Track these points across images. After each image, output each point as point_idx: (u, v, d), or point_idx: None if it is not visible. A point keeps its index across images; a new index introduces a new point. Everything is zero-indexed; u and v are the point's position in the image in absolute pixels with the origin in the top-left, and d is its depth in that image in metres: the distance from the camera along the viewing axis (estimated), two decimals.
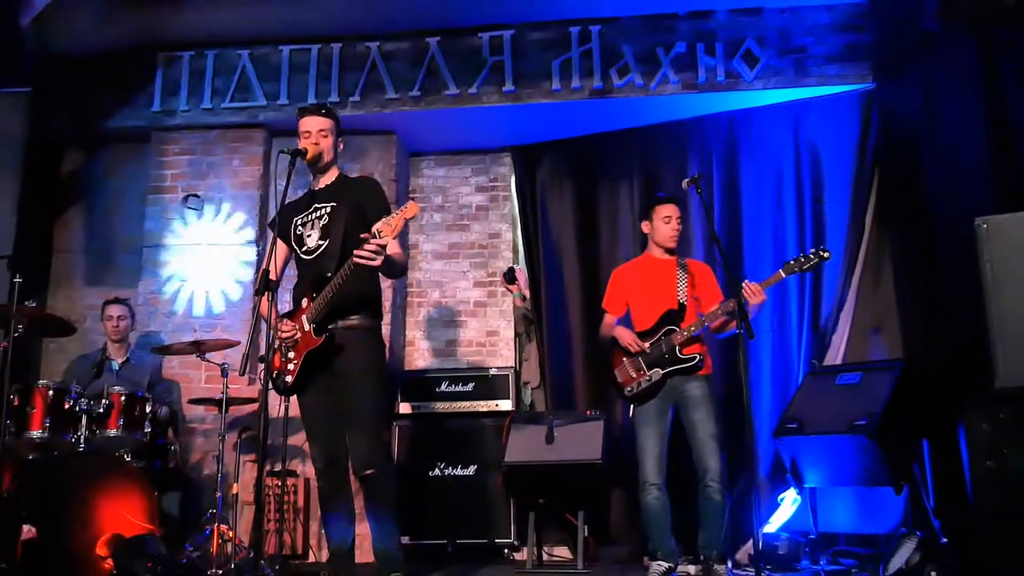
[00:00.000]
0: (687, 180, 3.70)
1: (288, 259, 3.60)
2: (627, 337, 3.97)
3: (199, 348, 4.35)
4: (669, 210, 4.06)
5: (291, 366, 3.35)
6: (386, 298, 5.20)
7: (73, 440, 3.89)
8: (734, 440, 4.52)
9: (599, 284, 4.33)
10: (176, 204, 5.48)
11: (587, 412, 4.71)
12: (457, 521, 4.83)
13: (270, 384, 3.26)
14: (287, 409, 4.57)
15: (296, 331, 3.33)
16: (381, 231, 3.03)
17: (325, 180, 3.53)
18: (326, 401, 3.38)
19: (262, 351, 3.21)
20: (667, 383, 3.89)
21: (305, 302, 3.35)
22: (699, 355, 3.88)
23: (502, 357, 5.60)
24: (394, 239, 3.09)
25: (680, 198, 4.21)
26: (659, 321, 3.96)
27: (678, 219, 4.07)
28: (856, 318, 4.76)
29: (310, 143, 3.43)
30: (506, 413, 4.96)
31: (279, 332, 3.34)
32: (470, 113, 5.32)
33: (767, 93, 5.04)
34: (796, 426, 4.11)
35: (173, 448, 4.58)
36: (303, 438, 3.92)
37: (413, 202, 3.18)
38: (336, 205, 3.43)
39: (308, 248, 3.45)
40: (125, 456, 4.04)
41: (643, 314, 4.05)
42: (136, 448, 4.15)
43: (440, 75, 5.27)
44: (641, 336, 3.97)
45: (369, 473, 3.27)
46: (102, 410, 3.96)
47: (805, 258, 3.76)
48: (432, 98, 5.28)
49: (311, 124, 3.46)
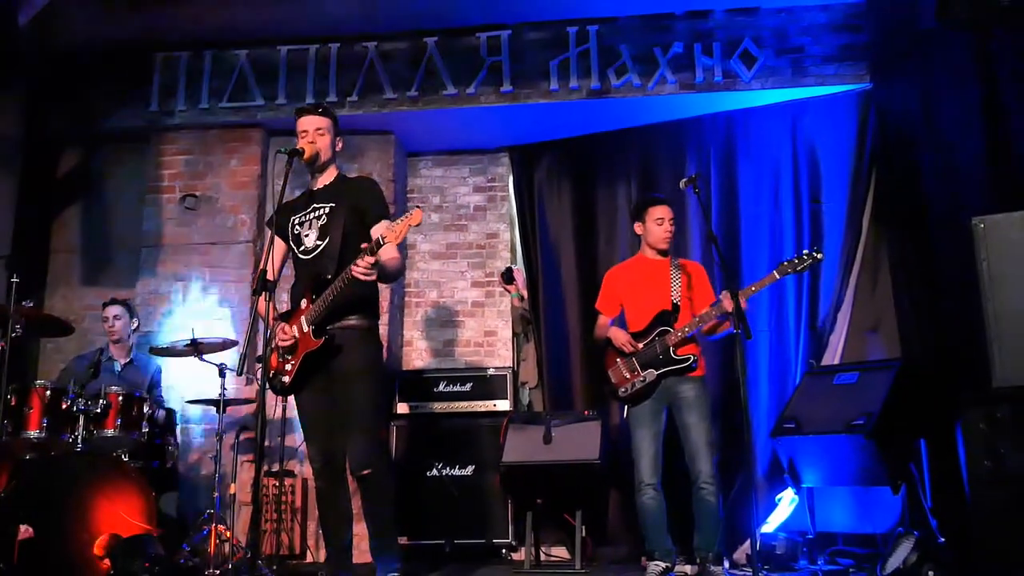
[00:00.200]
0: (684, 180, 3.69)
1: (286, 259, 3.59)
2: (621, 338, 3.96)
3: (197, 348, 4.34)
4: (662, 212, 4.03)
5: (288, 366, 3.35)
6: (384, 298, 5.20)
7: (70, 440, 3.88)
8: (731, 440, 4.53)
9: (597, 284, 4.32)
10: (174, 204, 5.48)
11: (585, 412, 4.71)
12: (455, 521, 4.82)
13: (267, 384, 3.26)
14: (285, 409, 4.59)
15: (294, 338, 3.33)
16: (385, 237, 3.01)
17: (323, 180, 3.52)
18: (324, 401, 3.38)
19: (259, 351, 3.21)
20: (661, 384, 3.88)
21: (304, 303, 3.35)
22: (693, 356, 3.87)
23: (500, 357, 5.59)
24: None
25: (673, 199, 4.18)
26: (653, 322, 3.95)
27: (671, 221, 4.05)
28: (853, 318, 4.76)
29: (307, 142, 3.42)
30: (504, 413, 4.95)
31: (277, 340, 3.33)
32: (468, 113, 5.31)
33: (764, 93, 5.04)
34: (793, 426, 4.11)
35: (171, 448, 4.58)
36: (300, 438, 3.92)
37: (419, 209, 3.02)
38: (335, 205, 3.42)
39: (306, 248, 3.45)
40: (122, 456, 4.04)
41: (637, 315, 4.04)
42: (133, 448, 4.15)
43: (438, 75, 5.26)
44: (635, 337, 3.95)
45: (366, 473, 3.27)
46: (99, 410, 3.95)
47: (799, 259, 3.75)
48: (430, 98, 5.28)
49: (308, 123, 3.46)
